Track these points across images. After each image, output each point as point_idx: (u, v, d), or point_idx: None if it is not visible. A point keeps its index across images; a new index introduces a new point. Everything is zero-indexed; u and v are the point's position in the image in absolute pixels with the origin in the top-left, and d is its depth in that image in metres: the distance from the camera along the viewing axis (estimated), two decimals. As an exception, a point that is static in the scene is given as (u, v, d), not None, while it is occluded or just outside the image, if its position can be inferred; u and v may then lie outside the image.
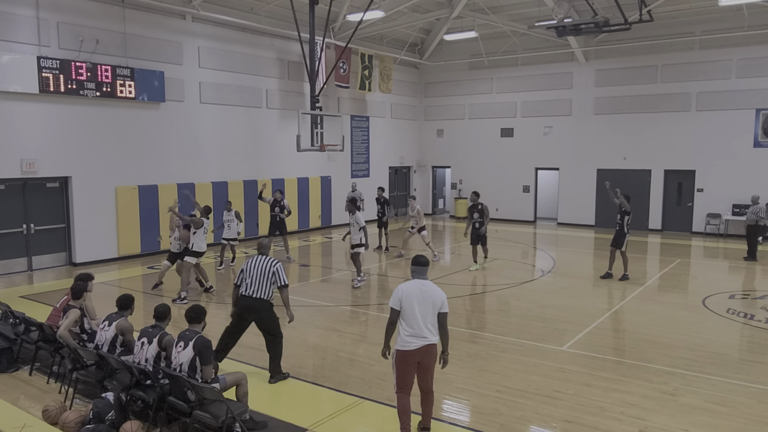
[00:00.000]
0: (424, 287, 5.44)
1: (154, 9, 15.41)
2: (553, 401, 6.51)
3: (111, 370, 6.27)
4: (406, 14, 20.22)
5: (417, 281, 5.49)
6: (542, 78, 22.57)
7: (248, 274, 7.09)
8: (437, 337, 5.46)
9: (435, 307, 5.40)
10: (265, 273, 7.04)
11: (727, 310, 10.36)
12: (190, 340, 5.66)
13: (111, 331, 6.44)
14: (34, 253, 13.84)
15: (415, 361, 5.40)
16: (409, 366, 5.41)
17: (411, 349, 5.36)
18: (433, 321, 5.41)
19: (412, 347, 5.36)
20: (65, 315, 7.00)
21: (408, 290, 5.42)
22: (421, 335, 5.36)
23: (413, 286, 5.45)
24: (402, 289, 5.45)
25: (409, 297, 5.38)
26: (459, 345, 8.52)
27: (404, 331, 5.38)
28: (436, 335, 5.44)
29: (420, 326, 5.35)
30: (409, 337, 5.36)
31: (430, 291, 5.44)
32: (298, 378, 7.25)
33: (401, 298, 5.40)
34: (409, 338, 5.36)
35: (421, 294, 5.40)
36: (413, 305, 5.36)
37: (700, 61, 19.45)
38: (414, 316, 5.35)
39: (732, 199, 19.17)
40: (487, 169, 24.20)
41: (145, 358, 5.98)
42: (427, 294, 5.41)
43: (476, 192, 14.29)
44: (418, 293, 5.39)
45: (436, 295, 5.43)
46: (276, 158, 19.17)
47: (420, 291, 5.41)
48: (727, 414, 6.20)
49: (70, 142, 14.00)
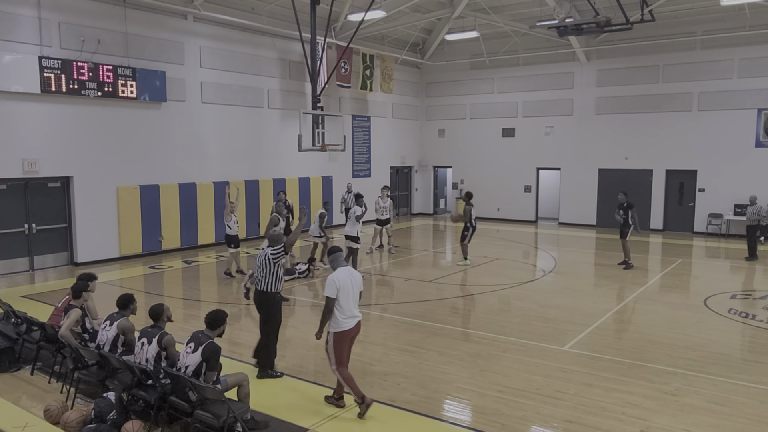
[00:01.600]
0: (351, 273, 6.29)
1: (156, 9, 15.42)
2: (555, 401, 6.50)
3: (112, 370, 6.28)
4: (407, 14, 20.22)
5: (344, 269, 6.26)
6: (544, 78, 22.56)
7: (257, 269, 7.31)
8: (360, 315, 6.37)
9: (358, 288, 6.28)
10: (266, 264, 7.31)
11: (729, 310, 10.34)
12: (201, 345, 5.61)
13: (112, 331, 6.44)
14: (35, 253, 13.85)
15: (351, 337, 6.28)
16: (346, 343, 6.24)
17: (349, 328, 6.17)
18: (357, 299, 6.28)
19: (349, 326, 6.17)
20: (66, 315, 7.01)
21: (342, 279, 6.12)
22: (353, 315, 6.19)
23: (344, 274, 6.19)
24: (337, 279, 6.10)
25: (344, 285, 6.10)
26: (460, 345, 8.52)
27: (341, 315, 6.11)
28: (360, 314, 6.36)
29: (351, 308, 6.16)
30: (346, 319, 6.14)
31: (355, 275, 6.32)
32: (299, 378, 7.26)
33: (339, 287, 6.07)
34: (346, 320, 6.14)
35: (350, 280, 6.19)
36: (348, 292, 6.11)
37: (701, 61, 19.43)
38: (347, 300, 6.12)
39: (733, 199, 19.14)
40: (488, 169, 24.19)
41: (146, 358, 5.98)
42: (354, 278, 6.26)
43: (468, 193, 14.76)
44: (348, 280, 6.17)
45: (358, 277, 6.33)
46: (277, 158, 19.17)
47: (350, 278, 6.21)
48: (728, 414, 6.19)
49: (71, 142, 14.01)
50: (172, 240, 16.15)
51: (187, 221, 16.44)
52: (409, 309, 10.43)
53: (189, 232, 16.53)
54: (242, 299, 10.46)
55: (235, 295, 11.53)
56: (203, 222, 16.86)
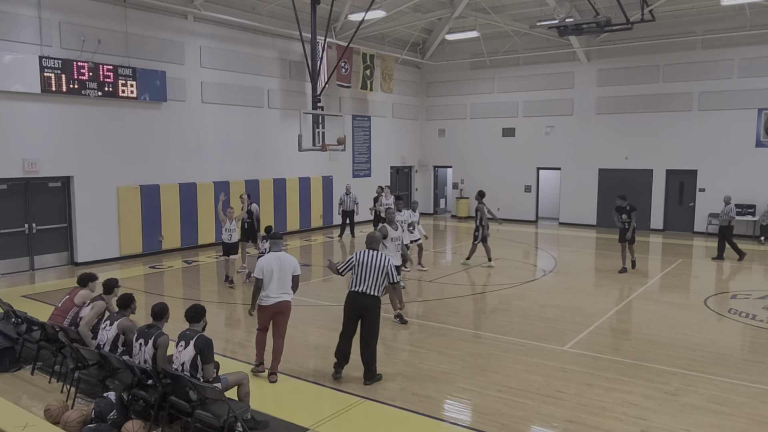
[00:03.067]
0: (281, 258, 6.97)
1: (156, 9, 15.43)
2: (555, 401, 6.51)
3: (113, 370, 6.28)
4: (407, 14, 20.21)
5: (273, 254, 7.00)
6: (544, 78, 22.56)
7: (360, 268, 7.05)
8: (291, 295, 7.07)
9: (289, 271, 6.96)
10: (380, 269, 7.04)
11: (729, 310, 10.35)
12: (191, 339, 5.67)
13: (113, 331, 6.44)
14: (36, 253, 13.86)
15: (271, 312, 6.98)
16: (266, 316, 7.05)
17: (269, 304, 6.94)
18: (289, 283, 6.98)
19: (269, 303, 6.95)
20: (90, 306, 7.06)
21: (267, 263, 6.89)
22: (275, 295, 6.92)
23: (271, 258, 6.96)
24: (262, 262, 6.92)
25: (269, 268, 6.86)
26: (460, 345, 8.53)
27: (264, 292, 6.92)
28: (290, 295, 7.05)
29: (274, 289, 6.88)
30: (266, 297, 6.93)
31: (285, 259, 6.98)
32: (299, 377, 7.26)
33: (263, 269, 6.86)
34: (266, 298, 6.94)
35: (278, 263, 6.89)
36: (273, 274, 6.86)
37: (702, 61, 19.42)
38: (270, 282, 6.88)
39: (734, 199, 18.98)
40: (488, 169, 24.18)
41: (144, 359, 5.98)
42: (284, 262, 6.94)
43: (480, 191, 14.42)
44: (276, 263, 6.88)
45: (290, 262, 7.01)
46: (277, 158, 19.17)
47: (278, 261, 6.89)
48: (728, 414, 6.19)
49: (72, 142, 14.02)
50: (173, 240, 16.15)
51: (188, 221, 16.45)
52: (409, 309, 10.42)
53: (189, 232, 16.53)
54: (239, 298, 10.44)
55: (244, 297, 11.52)
56: (203, 222, 16.86)
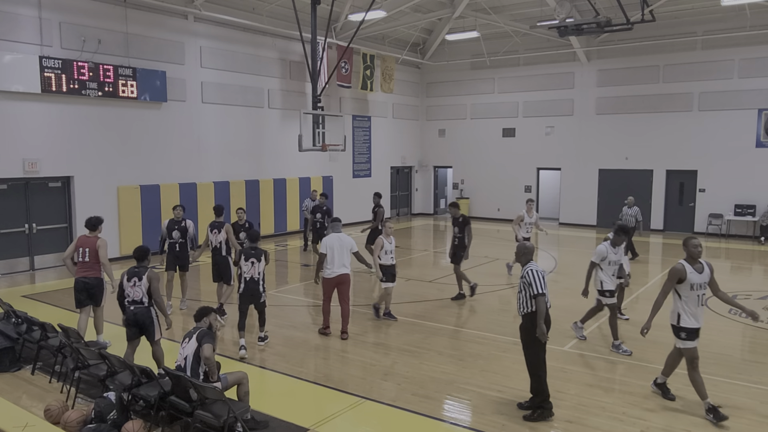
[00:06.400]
0: (341, 238, 8.72)
1: (156, 9, 15.43)
2: (555, 401, 6.49)
3: (113, 370, 6.28)
4: (407, 14, 20.22)
5: (335, 234, 8.76)
6: (544, 78, 22.56)
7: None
8: (348, 269, 8.73)
9: (347, 248, 8.71)
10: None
11: (729, 310, 10.34)
12: (194, 334, 5.84)
13: (144, 284, 6.82)
14: (36, 253, 13.86)
15: (334, 283, 8.68)
16: (330, 287, 8.75)
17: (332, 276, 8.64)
18: (347, 258, 8.70)
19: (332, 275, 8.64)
20: (217, 231, 9.80)
21: (330, 242, 8.68)
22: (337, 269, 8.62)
23: (333, 238, 8.70)
24: (326, 240, 8.71)
25: (332, 245, 8.62)
26: (461, 345, 8.53)
27: (327, 267, 8.63)
28: (348, 268, 8.73)
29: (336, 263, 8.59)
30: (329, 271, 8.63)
31: (344, 239, 8.73)
32: (299, 378, 7.26)
33: (327, 246, 8.65)
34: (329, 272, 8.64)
35: (339, 242, 8.66)
36: (334, 250, 8.60)
37: (702, 61, 19.42)
38: (332, 257, 8.59)
39: (734, 200, 19.14)
40: (488, 169, 24.19)
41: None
42: (343, 242, 8.70)
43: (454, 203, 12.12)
44: (337, 242, 8.64)
45: (348, 241, 8.75)
46: (278, 158, 19.18)
47: (339, 240, 8.67)
48: (728, 414, 6.18)
49: (72, 142, 14.02)
50: (173, 240, 16.12)
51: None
52: (409, 309, 10.43)
53: (189, 232, 16.50)
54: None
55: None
56: (203, 222, 16.81)
